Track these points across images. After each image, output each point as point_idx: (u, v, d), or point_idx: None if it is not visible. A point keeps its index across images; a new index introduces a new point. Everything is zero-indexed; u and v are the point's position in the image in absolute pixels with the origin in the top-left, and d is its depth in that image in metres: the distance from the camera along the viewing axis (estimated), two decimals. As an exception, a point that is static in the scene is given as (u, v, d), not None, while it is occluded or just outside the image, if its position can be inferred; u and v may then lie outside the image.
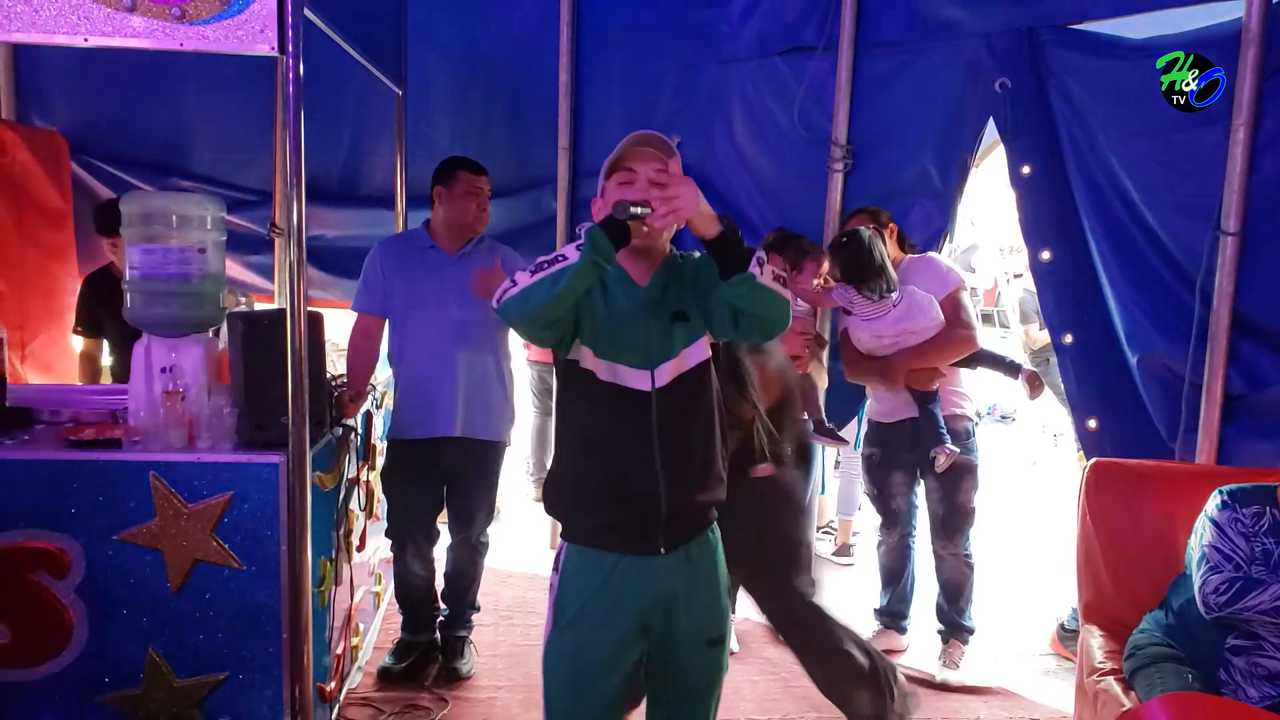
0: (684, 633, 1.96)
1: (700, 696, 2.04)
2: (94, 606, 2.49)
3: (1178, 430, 3.05)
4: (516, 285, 1.77)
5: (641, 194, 1.80)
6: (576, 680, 1.95)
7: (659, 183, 1.78)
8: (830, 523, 5.03)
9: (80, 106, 4.37)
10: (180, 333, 2.71)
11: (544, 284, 1.74)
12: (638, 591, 1.92)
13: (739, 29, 4.00)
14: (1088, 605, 2.86)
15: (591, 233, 1.73)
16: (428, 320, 3.15)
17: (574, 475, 1.97)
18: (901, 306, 3.34)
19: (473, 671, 3.35)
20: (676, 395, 1.91)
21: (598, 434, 1.93)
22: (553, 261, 1.75)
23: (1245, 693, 2.30)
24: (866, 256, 3.31)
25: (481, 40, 4.33)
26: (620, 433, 1.91)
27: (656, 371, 1.90)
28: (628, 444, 1.90)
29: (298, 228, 2.37)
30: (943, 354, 3.37)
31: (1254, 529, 2.30)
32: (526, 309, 1.78)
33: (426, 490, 3.24)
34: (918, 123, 3.68)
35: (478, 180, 3.22)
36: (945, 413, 3.39)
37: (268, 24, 2.29)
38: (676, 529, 1.93)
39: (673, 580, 1.94)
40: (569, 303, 1.78)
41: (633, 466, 1.90)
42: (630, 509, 1.91)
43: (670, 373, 1.91)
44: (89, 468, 2.46)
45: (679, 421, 1.92)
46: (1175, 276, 3.06)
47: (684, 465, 1.92)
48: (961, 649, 3.48)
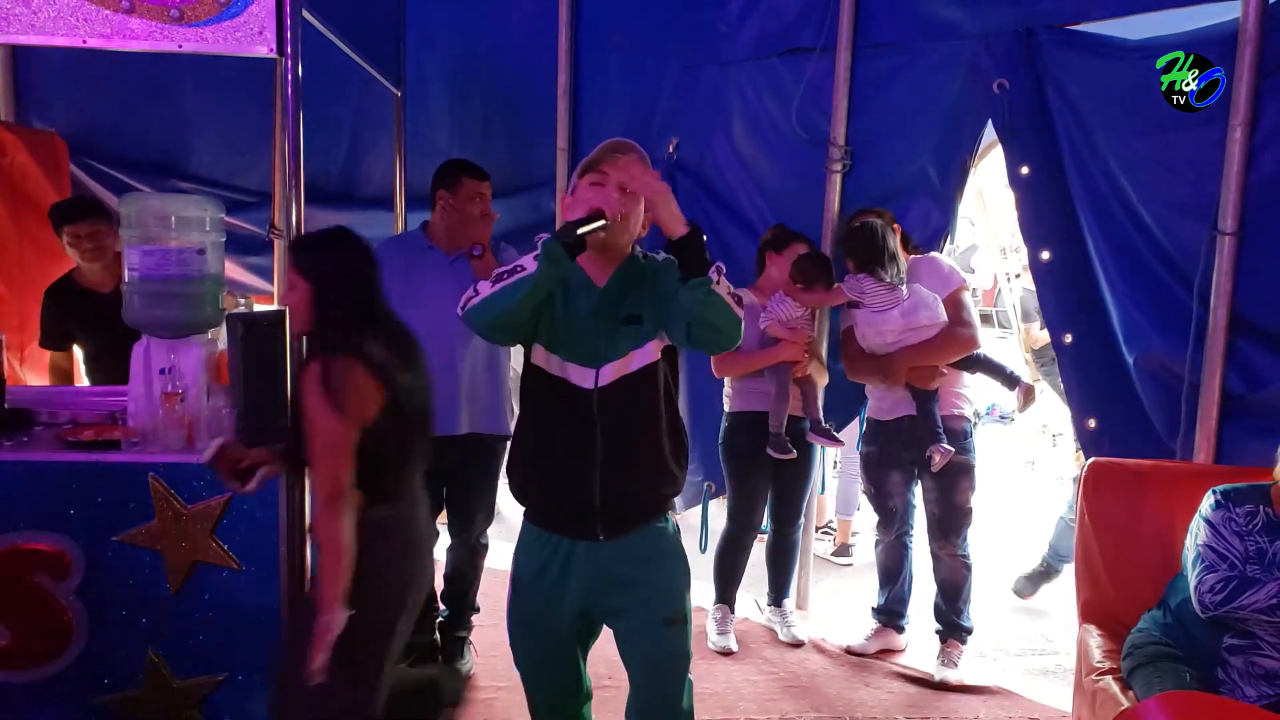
0: (637, 612, 2.10)
1: (666, 675, 2.14)
2: (93, 608, 2.50)
3: (1176, 430, 3.05)
4: (479, 294, 1.91)
5: (609, 199, 1.93)
6: (530, 644, 2.17)
7: (624, 187, 1.94)
8: (829, 523, 5.04)
9: (79, 108, 4.37)
10: (179, 334, 2.72)
11: (504, 293, 1.89)
12: (579, 570, 2.07)
13: (737, 30, 4.00)
14: (1086, 604, 2.86)
15: (547, 245, 1.87)
16: (427, 320, 3.15)
17: (524, 462, 2.12)
18: (909, 302, 3.35)
19: (472, 672, 3.35)
20: (619, 394, 2.01)
21: (544, 426, 2.07)
22: (512, 272, 1.89)
23: (1243, 692, 2.30)
24: (881, 241, 3.35)
25: (480, 41, 4.33)
26: (563, 426, 2.04)
27: (601, 370, 2.01)
28: (569, 437, 2.03)
29: (296, 229, 2.37)
30: (944, 352, 3.38)
31: (1248, 528, 2.31)
32: (488, 316, 1.93)
33: (429, 490, 3.23)
34: (916, 123, 3.68)
35: (481, 186, 3.21)
36: (944, 412, 3.40)
37: (266, 25, 2.30)
38: (616, 518, 2.06)
39: (616, 564, 2.07)
40: (528, 310, 1.93)
41: (573, 458, 2.03)
42: (569, 497, 2.05)
43: (614, 373, 2.01)
44: (88, 469, 2.47)
45: (621, 419, 2.02)
46: (1173, 276, 3.06)
47: (624, 461, 2.03)
48: (960, 648, 3.48)
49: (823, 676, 3.48)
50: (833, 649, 3.71)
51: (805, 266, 3.48)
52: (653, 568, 2.10)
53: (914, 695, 3.36)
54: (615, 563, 2.07)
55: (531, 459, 2.10)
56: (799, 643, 3.72)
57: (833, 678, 3.47)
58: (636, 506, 2.09)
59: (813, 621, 3.95)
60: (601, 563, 2.07)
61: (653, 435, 2.06)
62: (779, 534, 3.79)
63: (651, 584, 2.10)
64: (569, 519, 2.07)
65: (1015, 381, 3.47)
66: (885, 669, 3.56)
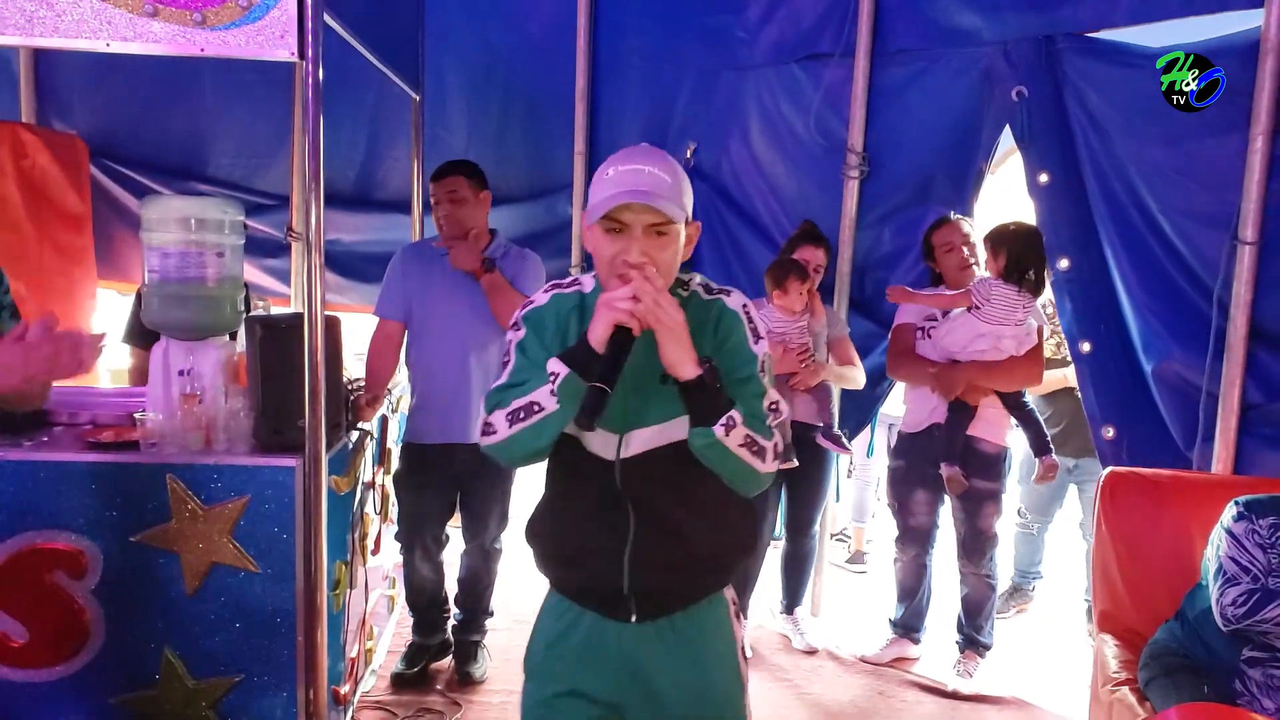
0: (670, 713, 1.70)
1: None
2: (110, 607, 2.51)
3: (1195, 439, 3.04)
4: (497, 433, 1.59)
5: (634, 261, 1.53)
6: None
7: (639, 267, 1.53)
8: (844, 530, 5.02)
9: (100, 110, 4.41)
10: (198, 336, 2.73)
11: (527, 435, 1.56)
12: (601, 653, 1.70)
13: (755, 35, 4.00)
14: (1103, 614, 2.85)
15: (564, 386, 1.52)
16: (441, 327, 3.16)
17: (546, 529, 1.78)
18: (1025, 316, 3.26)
19: (485, 675, 3.36)
20: (651, 469, 1.63)
21: (563, 494, 1.74)
22: (529, 411, 1.55)
23: (1261, 704, 2.28)
24: (1041, 247, 3.23)
25: (498, 46, 4.34)
26: (584, 495, 1.69)
27: (625, 438, 1.63)
28: (591, 508, 1.68)
29: (315, 232, 2.38)
30: (1011, 380, 3.31)
31: (1271, 540, 2.29)
32: (512, 457, 1.62)
33: (438, 494, 3.25)
34: (934, 130, 3.67)
35: (435, 188, 3.18)
36: (985, 436, 3.34)
37: (288, 30, 2.30)
38: (649, 602, 1.69)
39: (654, 651, 1.69)
40: (554, 442, 1.60)
41: (597, 535, 1.68)
42: (594, 575, 1.70)
43: (644, 443, 1.63)
44: (107, 469, 2.48)
45: (655, 497, 1.65)
46: (1192, 285, 3.05)
47: (660, 546, 1.66)
48: (977, 660, 3.47)
49: (836, 685, 3.47)
50: (847, 657, 3.69)
51: (775, 273, 3.42)
52: (694, 663, 1.70)
53: (929, 705, 3.35)
54: (648, 650, 1.69)
55: (553, 527, 1.77)
56: (813, 650, 3.71)
57: (847, 686, 3.46)
58: (674, 592, 1.71)
59: (827, 629, 3.94)
60: (633, 647, 1.69)
61: (700, 514, 1.67)
62: (792, 543, 3.78)
63: (691, 681, 1.70)
64: (593, 594, 1.72)
65: (1045, 450, 3.37)
66: (899, 678, 3.54)
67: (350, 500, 2.93)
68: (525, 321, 1.67)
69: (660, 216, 1.54)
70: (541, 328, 1.66)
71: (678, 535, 1.67)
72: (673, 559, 1.67)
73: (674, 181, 1.57)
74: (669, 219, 1.55)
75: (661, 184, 1.55)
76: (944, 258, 3.45)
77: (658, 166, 1.57)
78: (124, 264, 4.42)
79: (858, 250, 3.87)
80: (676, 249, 1.60)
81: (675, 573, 1.68)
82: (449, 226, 3.15)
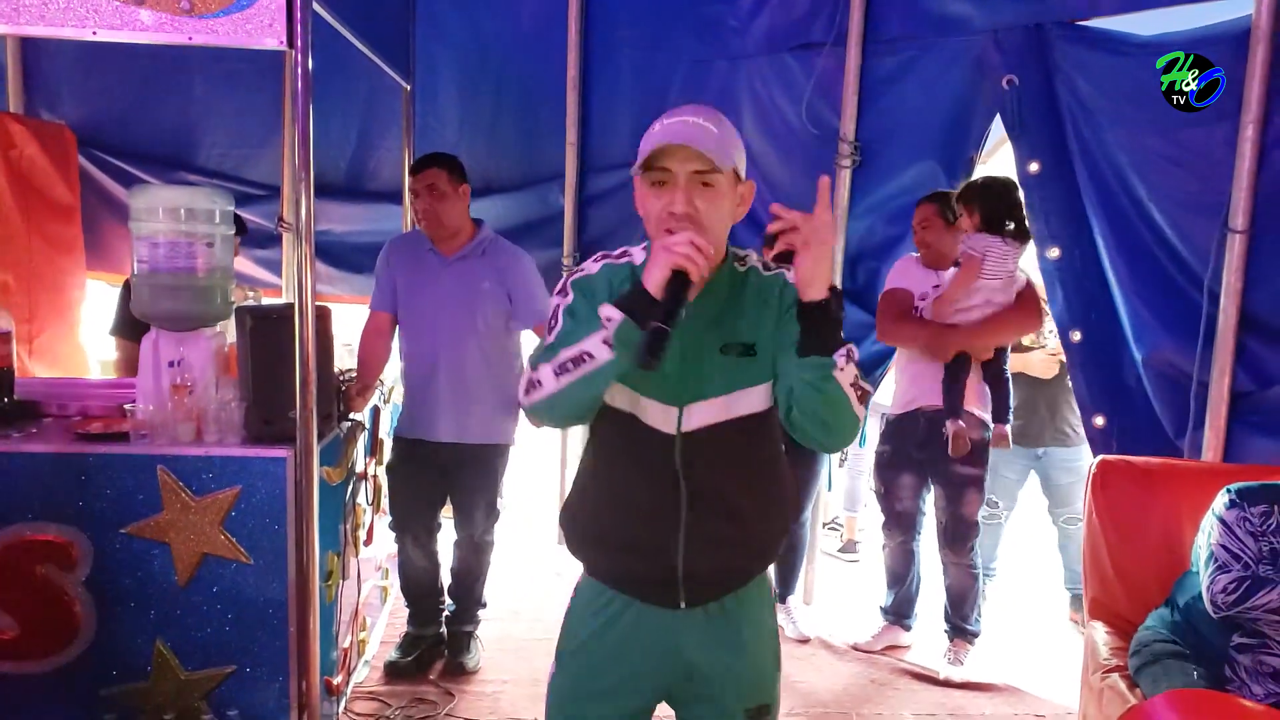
0: (716, 701, 1.69)
1: None
2: (101, 599, 2.51)
3: (1185, 428, 3.04)
4: (542, 387, 1.53)
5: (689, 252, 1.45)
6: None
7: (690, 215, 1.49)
8: (836, 519, 5.04)
9: (88, 100, 4.38)
10: (188, 327, 2.72)
11: (575, 389, 1.51)
12: (647, 642, 1.67)
13: (748, 25, 3.99)
14: (1094, 602, 2.86)
15: (621, 333, 1.46)
16: (424, 323, 3.15)
17: (587, 512, 1.72)
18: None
19: (479, 666, 3.36)
20: (711, 443, 1.59)
21: (614, 472, 1.68)
22: (578, 361, 1.49)
23: (1250, 690, 2.29)
24: (1015, 197, 3.25)
25: (489, 35, 4.33)
26: (638, 475, 1.63)
27: (686, 411, 1.58)
28: (645, 489, 1.62)
29: (306, 223, 2.37)
30: (1007, 332, 3.35)
31: (1262, 528, 2.30)
32: (558, 414, 1.58)
33: (427, 484, 3.24)
34: (925, 119, 3.67)
35: (414, 181, 3.15)
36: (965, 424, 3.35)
37: (276, 18, 2.29)
38: (700, 585, 1.65)
39: (700, 638, 1.67)
40: (602, 397, 1.57)
41: (650, 516, 1.62)
42: (642, 559, 1.65)
43: (705, 417, 1.59)
44: (97, 461, 2.47)
45: (713, 474, 1.60)
46: (1183, 274, 3.05)
47: (713, 527, 1.62)
48: (967, 647, 3.48)
49: (829, 672, 3.48)
50: (839, 645, 3.71)
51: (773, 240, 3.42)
52: (740, 648, 1.69)
53: (920, 692, 3.36)
54: (695, 637, 1.67)
55: (597, 509, 1.70)
56: (805, 639, 3.72)
57: (839, 674, 3.47)
58: (726, 575, 1.68)
59: (819, 617, 3.96)
60: (677, 635, 1.67)
61: (757, 495, 1.65)
62: (784, 531, 3.78)
63: (737, 666, 1.69)
64: (642, 581, 1.66)
65: (1003, 418, 3.41)
66: (892, 665, 3.56)
67: (342, 491, 2.92)
68: (574, 287, 1.62)
69: (705, 163, 1.49)
70: (592, 294, 1.59)
71: (734, 517, 1.63)
72: (728, 541, 1.64)
73: (720, 133, 1.52)
74: (714, 166, 1.49)
75: (707, 133, 1.50)
76: (924, 233, 3.48)
77: (703, 118, 1.52)
78: (113, 254, 4.40)
79: (850, 239, 3.88)
80: (725, 204, 1.54)
81: (730, 556, 1.65)
82: (428, 221, 3.13)
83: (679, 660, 1.68)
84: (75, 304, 4.26)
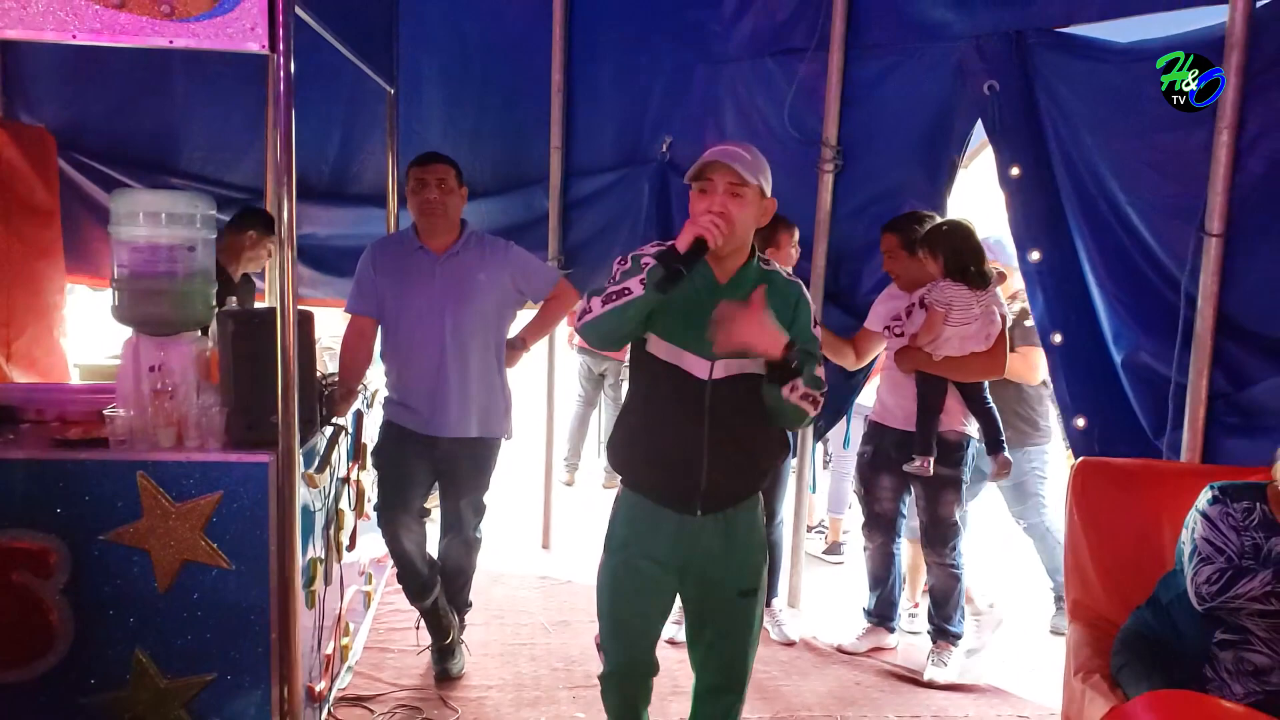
0: (718, 583, 2.27)
1: (735, 640, 2.33)
2: (80, 607, 2.48)
3: (1164, 428, 3.07)
4: (592, 311, 2.08)
5: (709, 226, 2.02)
6: (616, 597, 2.31)
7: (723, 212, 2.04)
8: (821, 521, 5.05)
9: (69, 103, 4.35)
10: (169, 331, 2.70)
11: (614, 314, 2.05)
12: (674, 539, 2.24)
13: (730, 29, 4.01)
14: (1075, 603, 2.88)
15: (652, 273, 2.01)
16: (418, 323, 3.14)
17: (630, 437, 2.29)
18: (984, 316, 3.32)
19: (463, 671, 3.35)
20: (732, 390, 2.15)
21: (655, 407, 2.23)
22: (620, 294, 2.04)
23: (1230, 689, 2.32)
24: (975, 244, 3.29)
25: (473, 39, 4.33)
26: (674, 410, 2.19)
27: (716, 364, 2.13)
28: (679, 422, 2.18)
29: (288, 226, 2.36)
30: (971, 371, 3.36)
31: (1244, 523, 2.33)
32: (600, 331, 2.11)
33: (419, 466, 3.19)
34: (907, 124, 3.69)
35: (423, 171, 3.12)
36: (947, 426, 3.38)
37: (258, 21, 2.27)
38: (713, 498, 2.21)
39: (708, 538, 2.23)
40: (634, 325, 2.10)
41: (680, 443, 2.18)
42: (672, 476, 2.21)
43: (729, 369, 2.14)
44: (75, 467, 2.45)
45: (731, 413, 2.16)
46: (1160, 277, 3.08)
47: (729, 452, 2.18)
48: (950, 649, 3.50)
49: (814, 675, 3.49)
50: (824, 647, 3.72)
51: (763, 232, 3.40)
52: (737, 544, 2.26)
53: (905, 693, 3.38)
54: (706, 536, 2.23)
55: (638, 436, 2.27)
56: (790, 642, 3.73)
57: (824, 676, 3.48)
58: (733, 491, 2.25)
59: (805, 620, 3.96)
60: (694, 534, 2.23)
61: (758, 431, 2.22)
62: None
63: (737, 559, 2.27)
64: (670, 494, 2.23)
65: (999, 448, 3.42)
66: (877, 667, 3.57)
67: (325, 496, 2.91)
68: (631, 258, 2.13)
69: (736, 176, 2.07)
70: (639, 261, 2.10)
71: (742, 447, 2.21)
72: (737, 466, 2.22)
73: (752, 159, 2.10)
74: (743, 180, 2.07)
75: (740, 156, 2.09)
76: (891, 262, 3.55)
77: (740, 148, 2.13)
78: (94, 259, 4.36)
79: (832, 243, 3.89)
80: (751, 211, 2.12)
81: (736, 477, 2.24)
82: (433, 213, 3.10)
83: (693, 553, 2.24)
84: (54, 308, 4.22)
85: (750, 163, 2.09)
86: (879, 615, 3.69)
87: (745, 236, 2.15)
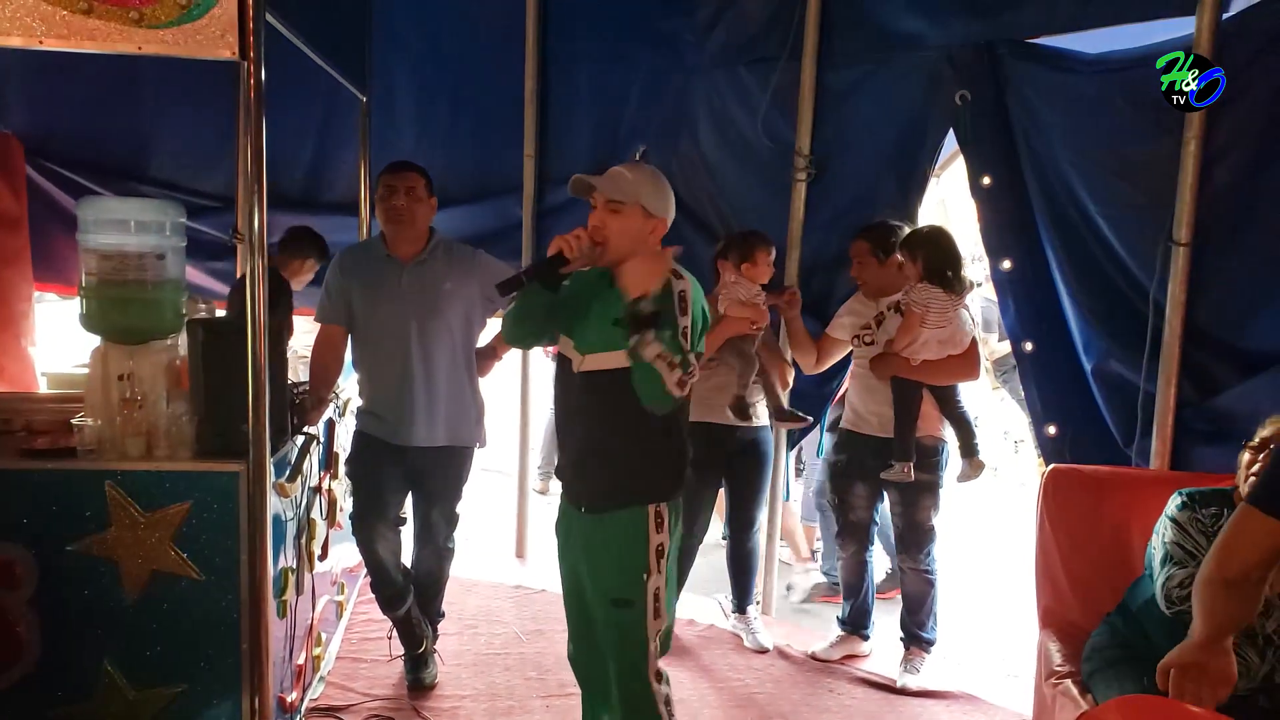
0: (592, 587, 2.33)
1: (608, 651, 2.32)
2: (47, 618, 2.44)
3: (1133, 436, 3.11)
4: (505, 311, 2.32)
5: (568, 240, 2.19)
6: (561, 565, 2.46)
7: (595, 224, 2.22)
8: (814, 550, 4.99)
9: (38, 110, 4.30)
10: (138, 340, 2.67)
11: (508, 313, 2.34)
12: (566, 535, 2.41)
13: (704, 39, 4.02)
14: (1046, 610, 2.90)
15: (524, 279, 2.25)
16: (387, 331, 3.12)
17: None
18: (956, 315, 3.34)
19: (437, 681, 3.33)
20: (595, 384, 2.25)
21: (557, 398, 2.45)
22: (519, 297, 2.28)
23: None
24: (955, 249, 3.30)
25: (447, 47, 4.31)
26: (560, 400, 2.41)
27: (586, 358, 2.26)
28: (563, 411, 2.40)
29: (259, 234, 2.34)
30: (946, 375, 3.38)
31: (1213, 528, 2.36)
32: (504, 329, 2.40)
33: (392, 475, 3.17)
34: (879, 134, 3.72)
35: (393, 179, 3.11)
36: (923, 431, 3.40)
37: (229, 29, 2.26)
38: (589, 497, 2.32)
39: (586, 537, 2.33)
40: (530, 324, 2.32)
41: (564, 433, 2.39)
42: (562, 466, 2.40)
43: (590, 364, 2.25)
44: (43, 477, 2.41)
45: (597, 407, 2.27)
46: (1129, 285, 3.12)
47: (596, 448, 2.29)
48: (923, 655, 3.51)
49: (787, 683, 3.49)
50: (797, 655, 3.72)
51: (741, 248, 3.49)
52: (609, 548, 2.29)
53: (878, 700, 3.39)
54: (585, 535, 2.33)
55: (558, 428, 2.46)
56: (764, 649, 3.73)
57: (797, 684, 3.49)
58: (603, 491, 2.30)
59: (779, 628, 3.97)
60: (579, 532, 2.35)
61: (622, 431, 2.25)
62: (735, 541, 3.81)
63: (606, 565, 2.30)
64: (564, 486, 2.40)
65: (973, 452, 3.44)
66: (849, 674, 3.58)
67: (296, 505, 2.88)
68: None
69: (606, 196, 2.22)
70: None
71: (607, 443, 2.28)
72: (603, 460, 2.29)
73: (634, 178, 2.25)
74: (617, 199, 2.22)
75: (621, 177, 2.24)
76: (860, 270, 3.56)
77: (627, 169, 2.28)
78: (63, 267, 4.30)
79: (805, 252, 3.91)
80: (627, 224, 2.22)
81: (604, 471, 2.28)
82: (400, 221, 3.09)
83: (577, 552, 2.36)
84: (21, 317, 4.17)
85: (629, 182, 2.22)
86: (853, 624, 3.70)
87: (629, 248, 2.21)
